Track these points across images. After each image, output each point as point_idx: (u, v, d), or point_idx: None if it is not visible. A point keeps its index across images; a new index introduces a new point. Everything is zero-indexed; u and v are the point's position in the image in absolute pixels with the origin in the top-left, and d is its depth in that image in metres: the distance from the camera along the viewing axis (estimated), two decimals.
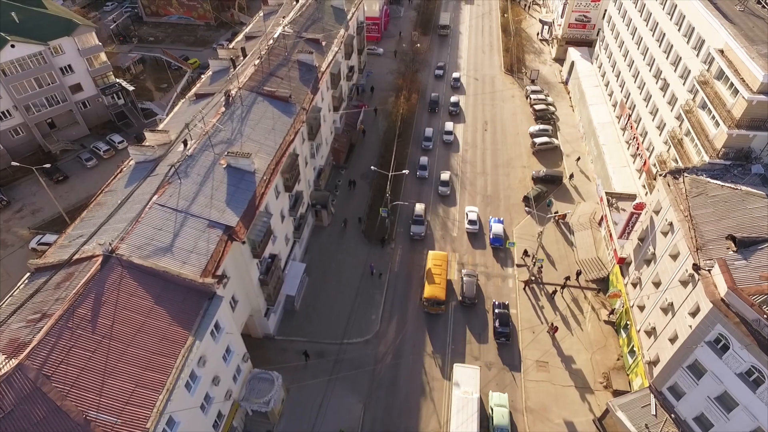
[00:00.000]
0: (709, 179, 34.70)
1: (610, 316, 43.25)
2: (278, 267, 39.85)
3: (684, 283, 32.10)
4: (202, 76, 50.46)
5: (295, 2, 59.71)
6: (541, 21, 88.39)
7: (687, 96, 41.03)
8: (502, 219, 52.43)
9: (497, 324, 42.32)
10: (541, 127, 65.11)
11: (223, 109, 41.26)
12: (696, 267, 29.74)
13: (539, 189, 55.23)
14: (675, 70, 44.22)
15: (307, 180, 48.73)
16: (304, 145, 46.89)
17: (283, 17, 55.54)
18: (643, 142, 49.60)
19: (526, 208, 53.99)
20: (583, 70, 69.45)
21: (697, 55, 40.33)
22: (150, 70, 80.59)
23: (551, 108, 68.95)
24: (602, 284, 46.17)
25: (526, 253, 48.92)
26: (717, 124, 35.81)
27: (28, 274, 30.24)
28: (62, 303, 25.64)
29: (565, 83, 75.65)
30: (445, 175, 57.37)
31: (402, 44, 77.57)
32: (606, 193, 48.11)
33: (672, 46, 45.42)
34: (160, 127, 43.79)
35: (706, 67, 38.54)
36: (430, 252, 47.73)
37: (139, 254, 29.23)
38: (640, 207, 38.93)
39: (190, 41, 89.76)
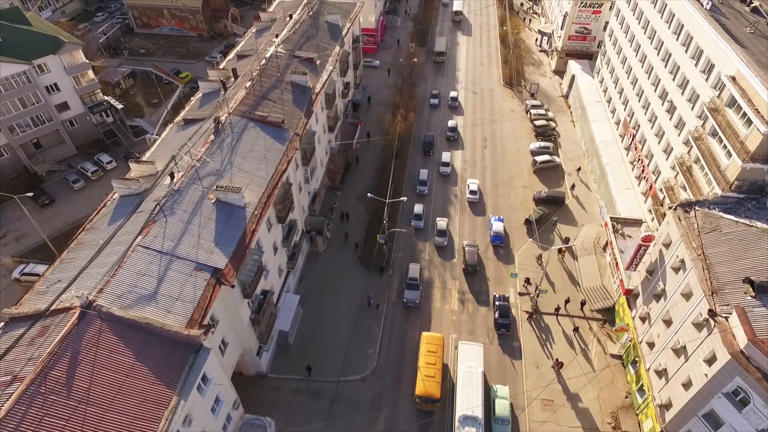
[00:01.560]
0: (722, 214, 33.09)
1: (619, 349, 41.61)
2: (270, 303, 38.03)
3: (698, 326, 30.45)
4: (192, 99, 48.55)
5: (288, 18, 57.92)
6: (540, 32, 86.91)
7: (696, 122, 39.44)
8: (502, 217, 53.82)
9: (497, 315, 43.89)
10: (542, 144, 63.50)
11: (212, 137, 39.46)
12: (712, 313, 28.08)
13: (541, 211, 53.56)
14: (682, 93, 42.64)
15: (301, 206, 46.93)
16: (297, 171, 45.11)
17: (276, 35, 53.73)
18: (648, 165, 48.00)
19: (531, 239, 51.30)
20: (584, 85, 67.89)
21: (707, 80, 38.74)
22: (140, 84, 78.63)
23: (552, 124, 67.36)
24: (608, 314, 44.52)
25: (528, 281, 47.19)
26: (729, 154, 34.21)
27: (2, 324, 28.33)
28: (35, 364, 23.78)
29: (566, 97, 74.10)
30: (442, 223, 52.12)
31: (399, 58, 75.83)
32: (611, 218, 46.46)
33: (679, 67, 43.84)
34: (148, 155, 41.89)
35: (716, 94, 36.94)
36: (424, 334, 40.58)
37: (120, 304, 27.39)
38: (648, 239, 37.28)
39: (182, 53, 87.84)
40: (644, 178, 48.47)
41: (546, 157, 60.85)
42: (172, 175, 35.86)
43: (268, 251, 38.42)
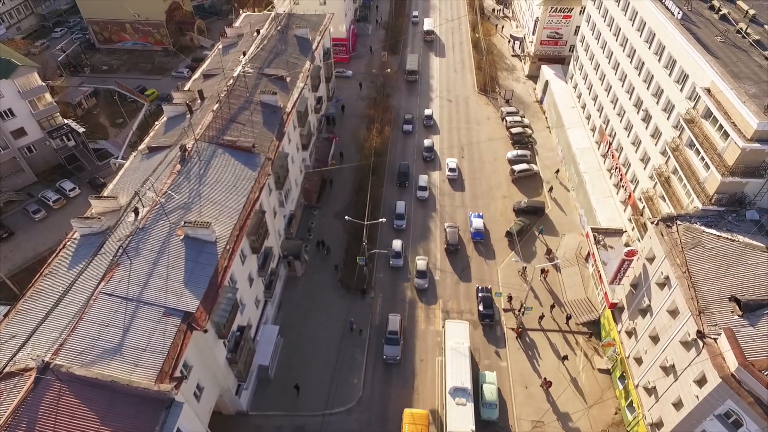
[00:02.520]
0: (704, 228, 32.80)
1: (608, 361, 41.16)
2: (248, 339, 36.28)
3: (686, 345, 30.02)
4: (156, 124, 46.31)
5: (255, 33, 56.03)
6: (511, 36, 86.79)
7: (672, 133, 39.24)
8: (481, 214, 54.68)
9: (481, 307, 44.98)
10: (519, 152, 63.07)
11: (178, 166, 37.49)
12: (701, 334, 27.61)
13: (522, 222, 52.98)
14: (657, 103, 42.48)
15: (276, 231, 45.21)
16: (271, 196, 43.40)
17: (244, 52, 51.81)
18: (626, 173, 47.83)
19: (513, 252, 50.15)
20: (558, 90, 67.77)
21: (681, 90, 38.57)
22: (104, 103, 75.54)
23: (528, 131, 67.04)
24: (594, 327, 44.10)
25: (510, 298, 46.42)
26: (707, 167, 33.96)
27: None
28: None
29: (540, 102, 73.97)
30: (421, 263, 48.44)
31: (372, 69, 74.50)
32: (592, 229, 46.07)
33: (652, 76, 43.70)
34: (110, 187, 39.52)
35: (692, 105, 36.74)
36: (406, 411, 36.91)
37: (82, 361, 25.41)
38: (631, 254, 36.86)
39: (148, 69, 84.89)
40: (623, 186, 48.30)
41: (524, 166, 60.40)
42: (136, 211, 33.83)
43: (243, 285, 36.69)
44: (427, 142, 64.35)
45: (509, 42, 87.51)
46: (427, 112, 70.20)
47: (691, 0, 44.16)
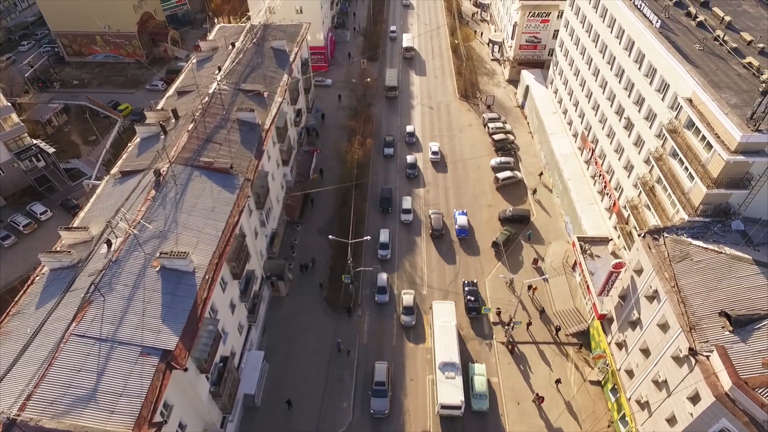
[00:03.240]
0: (690, 240, 32.61)
1: (599, 370, 40.86)
2: (232, 369, 35.03)
3: (677, 360, 29.74)
4: (129, 145, 44.60)
5: (230, 47, 54.56)
6: (490, 41, 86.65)
7: (655, 142, 39.12)
8: (465, 211, 55.43)
9: (469, 301, 46.09)
10: (503, 159, 62.72)
11: (153, 192, 36.02)
12: (693, 352, 27.31)
13: (508, 232, 52.56)
14: (639, 111, 42.38)
15: (258, 253, 43.93)
16: (251, 217, 42.12)
17: (219, 67, 50.36)
18: (610, 181, 47.70)
19: (502, 276, 48.16)
20: (539, 96, 67.68)
21: (663, 99, 38.47)
22: (75, 120, 73.10)
23: (510, 137, 66.79)
24: (583, 338, 43.82)
25: (499, 312, 45.89)
26: (691, 177, 33.82)
27: None
28: None
29: (522, 107, 73.86)
30: (408, 298, 45.84)
31: (351, 78, 73.41)
32: (578, 238, 45.84)
33: (633, 84, 43.61)
34: (81, 216, 37.76)
35: (674, 115, 36.61)
36: None
37: (53, 412, 23.92)
38: (619, 266, 36.60)
39: (120, 82, 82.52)
40: (607, 194, 48.18)
41: (508, 174, 60.06)
42: (109, 243, 32.31)
43: (224, 313, 35.41)
44: (409, 159, 62.38)
45: (489, 45, 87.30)
46: (409, 128, 67.55)
47: (668, 7, 44.25)
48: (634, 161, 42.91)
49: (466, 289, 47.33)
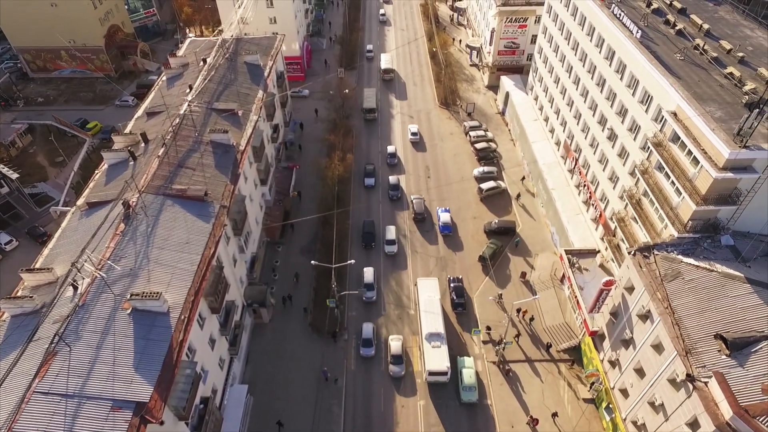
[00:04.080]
0: (681, 257, 32.01)
1: (591, 388, 40.15)
2: (214, 409, 33.24)
3: (674, 384, 29.03)
4: (96, 172, 42.28)
5: (202, 63, 52.49)
6: (468, 46, 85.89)
7: (640, 155, 38.55)
8: (448, 209, 56.40)
9: (454, 296, 46.76)
10: (486, 169, 61.89)
11: (122, 226, 34.00)
12: (690, 378, 26.59)
13: (494, 245, 51.64)
14: (622, 122, 41.83)
15: (237, 281, 42.12)
16: (229, 245, 40.27)
17: (190, 85, 48.31)
18: (595, 191, 47.16)
19: (492, 298, 47.01)
20: (520, 102, 67.07)
21: (646, 112, 37.91)
22: (41, 140, 69.85)
23: (492, 145, 66.03)
24: (575, 353, 43.11)
25: (489, 329, 44.92)
26: (679, 192, 33.24)
27: None
28: None
29: (502, 114, 73.23)
30: (396, 345, 42.64)
31: (329, 90, 71.65)
32: (565, 251, 45.14)
33: (615, 95, 43.07)
34: (45, 253, 35.42)
35: (658, 128, 36.05)
36: None
37: None
38: (609, 284, 35.88)
39: (89, 99, 79.37)
40: (592, 204, 47.62)
41: (491, 184, 59.22)
42: (74, 285, 30.24)
43: (203, 351, 33.59)
44: (392, 179, 59.69)
45: (467, 51, 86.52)
46: (390, 149, 64.68)
47: (647, 15, 43.83)
48: (619, 173, 42.36)
49: (452, 285, 47.59)
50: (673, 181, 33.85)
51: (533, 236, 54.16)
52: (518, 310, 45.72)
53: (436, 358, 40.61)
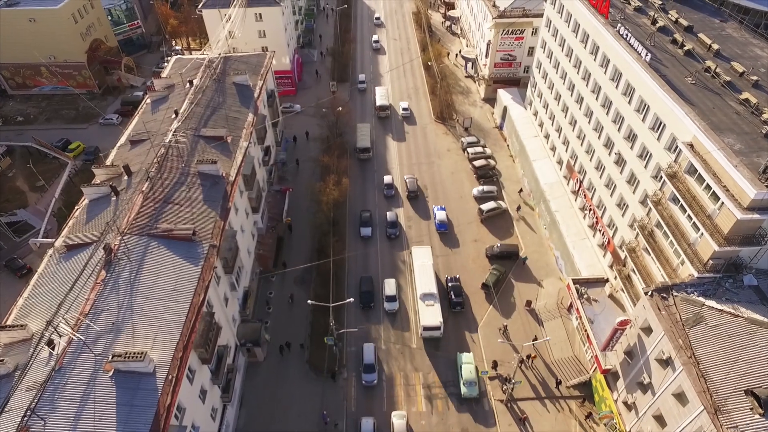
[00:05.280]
0: (702, 299, 30.20)
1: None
2: None
3: None
4: (76, 209, 39.58)
5: (188, 84, 49.95)
6: (463, 57, 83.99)
7: (652, 184, 36.73)
8: (444, 206, 56.90)
9: (452, 295, 47.27)
10: (486, 188, 59.93)
11: (103, 273, 31.50)
12: None
13: (497, 272, 49.67)
14: (631, 148, 40.04)
15: (229, 321, 39.68)
16: (220, 285, 37.85)
17: (176, 111, 45.75)
18: (602, 216, 45.33)
19: (501, 341, 43.72)
20: (518, 118, 65.25)
21: (658, 140, 36.11)
22: (20, 162, 66.63)
23: (491, 162, 64.12)
24: (586, 389, 41.23)
25: (495, 365, 42.89)
26: (696, 227, 31.43)
27: None
28: None
29: (500, 128, 71.39)
30: (399, 423, 38.56)
31: (322, 108, 69.21)
32: (573, 280, 43.26)
33: (623, 118, 41.28)
34: (20, 303, 32.75)
35: (672, 158, 34.25)
36: None
37: None
38: (624, 324, 34.03)
39: (71, 117, 76.17)
40: (599, 230, 45.81)
41: (492, 204, 57.24)
42: (51, 343, 27.74)
43: (193, 406, 31.20)
44: (389, 216, 55.75)
45: (462, 64, 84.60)
46: (387, 179, 60.88)
47: (653, 34, 42.11)
48: (628, 200, 40.55)
49: (450, 284, 48.10)
50: (690, 216, 32.04)
51: (537, 260, 52.30)
52: (528, 357, 43.06)
53: (429, 315, 44.43)
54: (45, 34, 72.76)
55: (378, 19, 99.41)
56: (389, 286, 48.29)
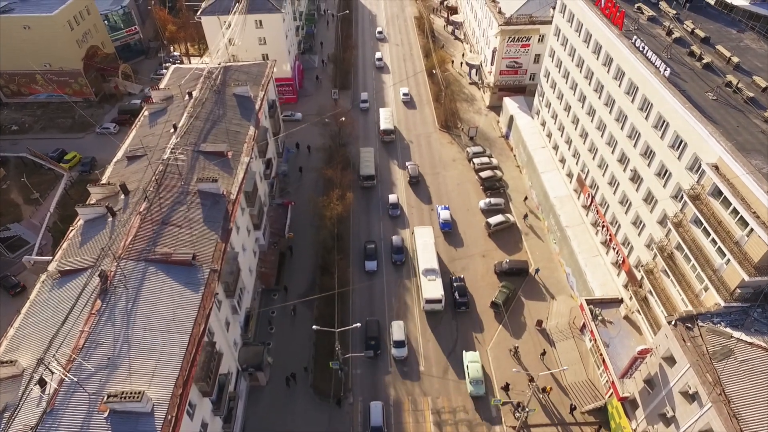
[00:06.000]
0: (730, 330, 28.70)
1: None
2: None
3: None
4: (70, 230, 37.91)
5: (187, 96, 48.32)
6: (467, 64, 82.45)
7: (671, 204, 35.23)
8: (447, 206, 57.14)
9: (457, 296, 47.40)
10: (493, 201, 58.43)
11: (98, 303, 29.90)
12: None
13: (507, 289, 48.18)
14: (648, 165, 38.53)
15: (231, 346, 38.08)
16: (221, 309, 36.26)
17: (174, 125, 44.13)
18: (616, 234, 43.84)
19: (516, 370, 41.20)
20: (525, 127, 63.75)
21: (679, 158, 34.61)
22: (14, 174, 64.93)
23: (498, 173, 62.58)
24: (601, 415, 39.72)
25: (507, 387, 41.39)
26: (722, 253, 29.95)
27: None
28: None
29: (506, 138, 69.88)
30: None
31: (325, 118, 67.50)
32: (586, 300, 41.79)
33: (639, 134, 39.78)
34: (9, 338, 31.02)
35: (694, 178, 32.75)
36: None
37: None
38: (644, 353, 32.54)
39: (67, 125, 74.48)
40: (613, 248, 44.31)
41: (500, 218, 55.73)
42: (42, 382, 26.12)
43: None
44: (395, 240, 53.09)
45: (467, 71, 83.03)
46: (392, 198, 58.29)
47: (670, 47, 40.60)
48: (645, 219, 39.05)
49: (455, 284, 48.27)
50: (715, 240, 30.55)
51: (547, 276, 50.79)
52: (543, 390, 41.37)
53: (431, 289, 46.37)
54: (40, 41, 71.11)
55: (380, 32, 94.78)
56: (397, 330, 44.36)
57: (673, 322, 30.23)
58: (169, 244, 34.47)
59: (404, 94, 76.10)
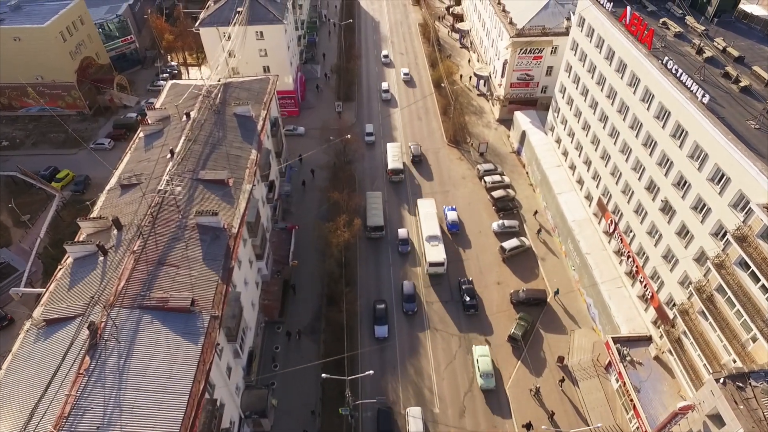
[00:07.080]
0: None
1: None
2: None
3: None
4: (60, 267, 35.00)
5: (185, 117, 45.47)
6: (476, 75, 79.66)
7: (711, 241, 32.47)
8: (455, 207, 57.35)
9: (466, 298, 47.49)
10: (507, 223, 55.63)
11: (87, 360, 27.03)
12: None
13: (525, 322, 45.44)
14: (683, 197, 35.76)
15: (233, 394, 35.22)
16: (223, 355, 33.38)
17: (171, 150, 41.25)
18: (644, 266, 41.08)
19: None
20: (539, 144, 60.93)
21: (720, 194, 31.86)
22: (4, 194, 61.98)
23: (511, 193, 59.82)
24: None
25: (529, 426, 38.72)
26: None
27: None
28: None
29: (518, 153, 67.10)
30: None
31: (327, 128, 64.45)
32: (612, 338, 39.08)
33: (671, 162, 37.01)
34: None
35: (740, 218, 30.01)
36: None
37: None
38: (686, 409, 29.76)
39: (60, 140, 71.47)
40: (640, 280, 41.56)
41: (514, 242, 52.97)
42: None
43: None
44: (406, 287, 48.38)
45: (475, 83, 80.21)
46: (402, 233, 53.77)
47: (703, 68, 37.88)
48: (678, 254, 36.31)
49: (463, 287, 48.31)
50: (765, 287, 27.82)
51: (567, 306, 48.14)
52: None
53: (434, 253, 49.73)
54: (31, 53, 68.23)
55: (386, 56, 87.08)
56: (414, 421, 38.22)
57: (722, 380, 27.45)
58: (165, 287, 31.60)
59: (405, 76, 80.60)
